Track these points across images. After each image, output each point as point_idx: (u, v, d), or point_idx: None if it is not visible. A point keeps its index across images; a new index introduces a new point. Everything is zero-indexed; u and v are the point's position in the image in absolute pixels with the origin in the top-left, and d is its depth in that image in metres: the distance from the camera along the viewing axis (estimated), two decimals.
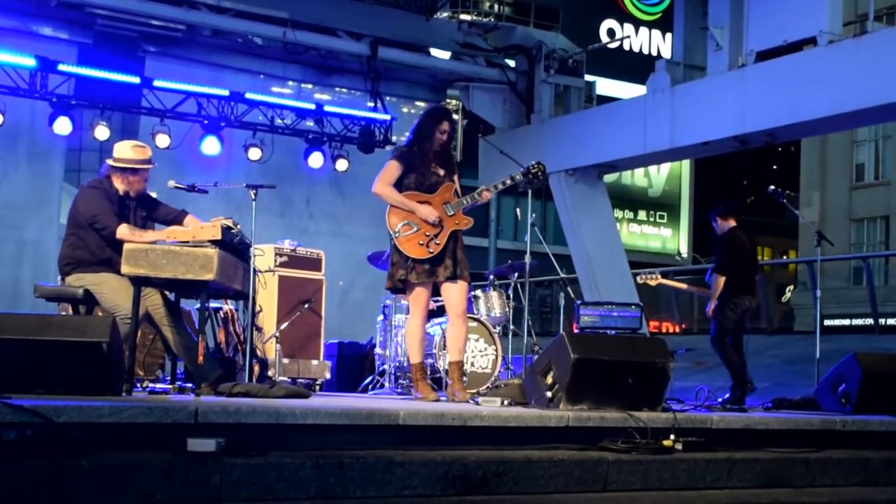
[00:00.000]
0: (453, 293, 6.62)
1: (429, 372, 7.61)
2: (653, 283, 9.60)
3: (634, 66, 27.73)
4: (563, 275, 9.61)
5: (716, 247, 9.14)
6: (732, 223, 9.10)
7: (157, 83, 11.55)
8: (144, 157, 6.48)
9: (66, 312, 6.88)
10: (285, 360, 8.45)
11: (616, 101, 16.41)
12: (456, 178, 6.78)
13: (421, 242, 6.47)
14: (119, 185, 6.43)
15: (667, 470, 5.00)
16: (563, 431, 5.10)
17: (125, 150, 6.47)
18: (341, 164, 12.75)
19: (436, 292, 6.77)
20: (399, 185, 6.64)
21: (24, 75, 10.96)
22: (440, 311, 8.96)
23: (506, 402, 5.88)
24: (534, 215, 7.94)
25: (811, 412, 6.99)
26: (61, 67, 11.04)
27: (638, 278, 9.64)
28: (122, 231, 6.16)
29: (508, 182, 6.82)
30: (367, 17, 13.09)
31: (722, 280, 8.84)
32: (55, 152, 11.91)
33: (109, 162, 6.46)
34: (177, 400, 5.39)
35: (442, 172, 6.69)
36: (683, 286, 9.75)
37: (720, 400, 8.04)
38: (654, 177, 34.48)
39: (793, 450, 5.55)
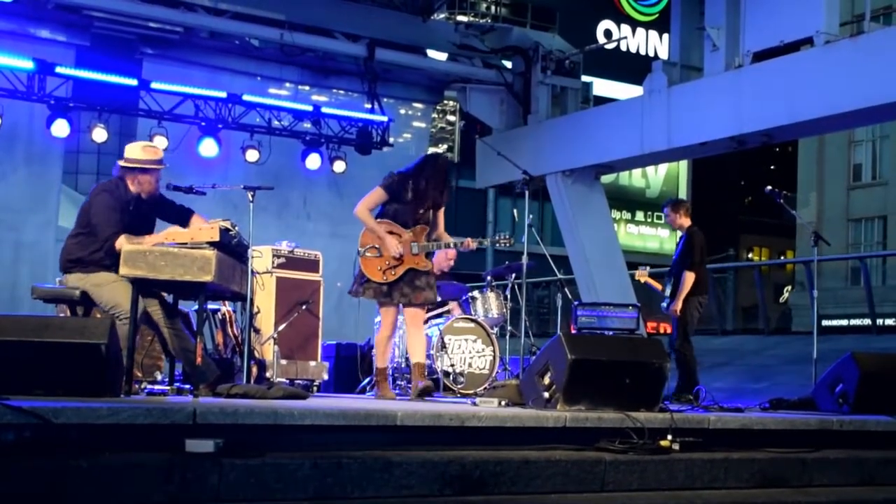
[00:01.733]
0: (409, 312, 7.28)
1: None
2: (642, 279, 9.63)
3: (631, 67, 27.74)
4: (560, 276, 9.60)
5: (684, 243, 9.00)
6: (690, 221, 9.08)
7: (154, 85, 11.53)
8: (155, 158, 6.43)
9: (64, 314, 6.88)
10: (283, 362, 8.45)
11: (613, 101, 16.38)
12: (441, 212, 7.29)
13: (380, 268, 7.12)
14: (130, 185, 6.37)
15: (664, 470, 5.01)
16: (560, 432, 5.11)
17: (135, 151, 6.44)
18: (339, 166, 12.75)
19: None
20: (382, 209, 7.23)
21: (21, 78, 10.94)
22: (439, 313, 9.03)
23: (503, 403, 5.90)
24: (531, 216, 7.97)
25: (808, 412, 7.00)
26: (59, 70, 11.01)
27: (636, 272, 9.70)
28: (121, 243, 6.08)
29: (475, 245, 7.40)
30: (363, 19, 13.07)
31: (692, 277, 8.78)
32: (53, 155, 11.90)
33: (120, 163, 6.41)
34: (175, 401, 5.40)
35: (422, 211, 7.18)
36: (659, 287, 9.67)
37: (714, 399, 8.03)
38: (652, 177, 34.47)
39: (790, 450, 5.57)
